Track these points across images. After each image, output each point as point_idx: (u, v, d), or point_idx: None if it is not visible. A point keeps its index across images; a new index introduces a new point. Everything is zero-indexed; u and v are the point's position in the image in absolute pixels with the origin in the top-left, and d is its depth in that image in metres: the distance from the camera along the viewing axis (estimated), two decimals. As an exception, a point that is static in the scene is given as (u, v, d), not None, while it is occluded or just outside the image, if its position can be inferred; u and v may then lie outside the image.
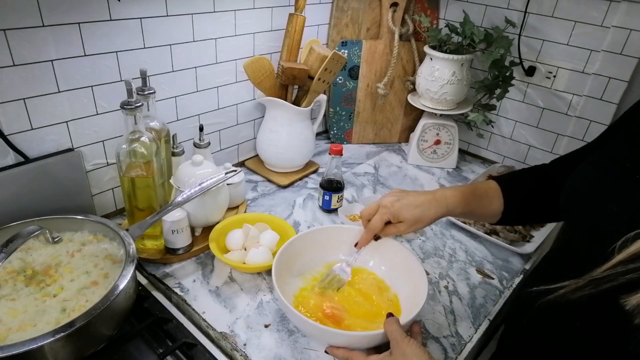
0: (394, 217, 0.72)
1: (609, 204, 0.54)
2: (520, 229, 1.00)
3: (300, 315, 0.64)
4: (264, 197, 1.09)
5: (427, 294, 0.69)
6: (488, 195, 0.76)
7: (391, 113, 1.41)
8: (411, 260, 0.76)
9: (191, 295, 0.78)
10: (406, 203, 0.72)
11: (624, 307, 0.44)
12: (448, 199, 0.73)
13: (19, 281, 0.65)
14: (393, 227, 0.74)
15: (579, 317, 0.55)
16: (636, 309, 0.43)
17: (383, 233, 0.76)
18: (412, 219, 0.71)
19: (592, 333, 0.54)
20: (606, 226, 0.52)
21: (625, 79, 1.06)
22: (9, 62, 0.72)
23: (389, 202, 0.73)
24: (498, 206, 0.76)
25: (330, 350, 0.66)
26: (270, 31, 1.12)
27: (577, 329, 0.55)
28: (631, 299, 0.43)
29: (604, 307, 0.50)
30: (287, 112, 1.10)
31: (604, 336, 0.52)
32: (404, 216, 0.72)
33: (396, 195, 0.74)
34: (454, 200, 0.73)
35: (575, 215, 0.60)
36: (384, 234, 0.76)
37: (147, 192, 0.80)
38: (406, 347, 0.58)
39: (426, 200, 0.72)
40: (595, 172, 0.60)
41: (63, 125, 0.83)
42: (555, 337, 0.58)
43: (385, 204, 0.73)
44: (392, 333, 0.61)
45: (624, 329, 0.46)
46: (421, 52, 1.29)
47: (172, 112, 1.00)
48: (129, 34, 0.85)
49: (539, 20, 1.16)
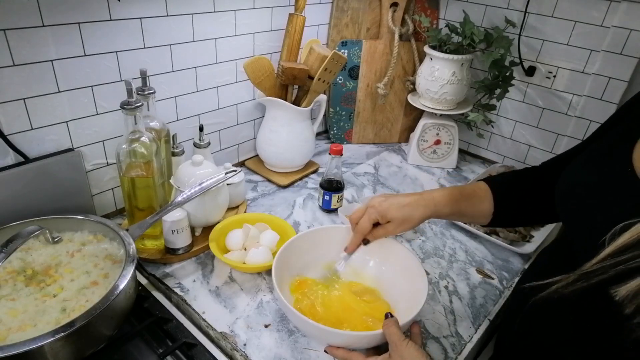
0: (382, 217, 0.73)
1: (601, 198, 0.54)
2: (520, 229, 1.00)
3: (301, 315, 0.64)
4: (264, 197, 1.09)
5: (427, 294, 0.69)
6: (477, 195, 0.76)
7: (391, 113, 1.41)
8: (411, 260, 0.76)
9: (191, 295, 0.78)
10: (394, 202, 0.73)
11: (614, 298, 0.45)
12: (435, 199, 0.74)
13: (19, 281, 0.65)
14: (381, 229, 0.75)
15: (571, 312, 0.55)
16: (626, 299, 0.44)
17: (372, 236, 0.76)
18: (400, 218, 0.72)
19: (585, 326, 0.54)
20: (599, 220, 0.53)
21: (625, 79, 1.06)
22: (9, 62, 0.72)
23: (376, 202, 0.73)
24: (488, 207, 0.76)
25: (330, 350, 0.66)
26: (270, 31, 1.12)
27: (571, 323, 0.56)
28: (620, 289, 0.44)
29: (595, 299, 0.50)
30: (287, 112, 1.10)
31: (597, 328, 0.53)
32: (391, 215, 0.72)
33: (383, 196, 0.75)
34: (441, 201, 0.74)
35: (569, 210, 0.60)
36: (373, 236, 0.76)
37: (147, 192, 0.80)
38: (404, 350, 0.58)
39: (413, 200, 0.73)
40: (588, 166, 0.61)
41: (63, 125, 0.83)
42: (549, 332, 0.59)
43: (372, 204, 0.73)
44: (390, 335, 0.61)
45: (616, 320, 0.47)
46: (421, 52, 1.29)
47: (172, 112, 1.00)
48: (129, 34, 0.85)
49: (539, 20, 1.16)
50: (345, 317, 0.71)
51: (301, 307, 0.73)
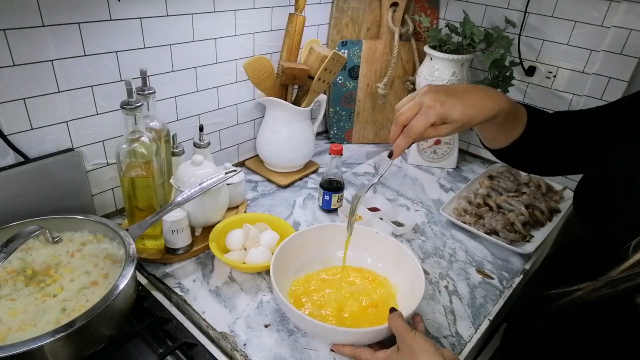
0: (441, 119, 0.61)
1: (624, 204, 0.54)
2: (520, 229, 1.00)
3: (301, 314, 0.64)
4: (264, 197, 1.09)
5: (424, 286, 0.70)
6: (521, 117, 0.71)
7: (391, 113, 1.40)
8: (406, 255, 0.77)
9: (191, 295, 0.78)
10: (457, 102, 0.62)
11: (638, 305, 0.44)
12: (501, 101, 0.64)
13: (19, 281, 0.65)
14: (433, 130, 0.62)
15: (591, 316, 0.55)
16: None
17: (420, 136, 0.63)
18: (463, 120, 0.62)
19: (607, 332, 0.53)
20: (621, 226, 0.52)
21: (625, 79, 1.06)
22: (9, 62, 0.72)
23: (435, 100, 0.61)
24: (519, 131, 0.71)
25: (336, 348, 0.66)
26: (270, 31, 1.12)
27: (590, 327, 0.55)
28: None
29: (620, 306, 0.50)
30: (287, 112, 1.10)
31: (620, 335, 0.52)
32: (454, 117, 0.61)
33: (440, 90, 0.62)
34: (505, 106, 0.65)
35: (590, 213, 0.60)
36: (423, 136, 0.63)
37: (147, 192, 0.80)
38: (412, 341, 0.59)
39: (479, 99, 0.63)
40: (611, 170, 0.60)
41: (63, 125, 0.83)
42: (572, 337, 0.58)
43: (430, 104, 0.61)
44: (397, 328, 0.61)
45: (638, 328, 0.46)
46: (421, 52, 1.29)
47: (172, 112, 1.00)
48: (129, 34, 0.85)
49: (539, 20, 1.16)
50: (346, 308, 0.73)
51: (302, 305, 0.73)
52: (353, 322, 0.71)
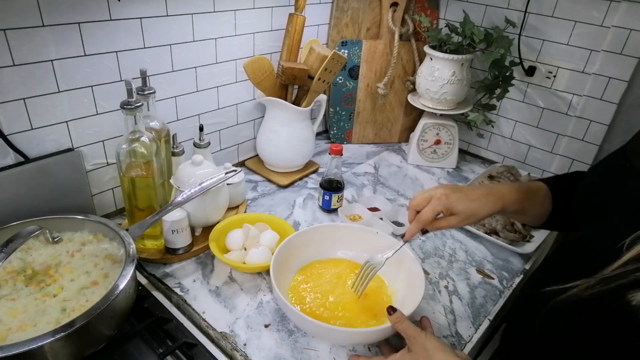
0: (447, 210, 0.69)
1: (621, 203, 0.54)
2: (520, 229, 1.00)
3: (301, 314, 0.64)
4: (264, 197, 1.09)
5: (424, 286, 0.70)
6: (539, 195, 0.75)
7: (391, 113, 1.40)
8: (406, 255, 0.77)
9: (191, 295, 0.78)
10: (461, 196, 0.69)
11: (630, 302, 0.44)
12: (505, 195, 0.71)
13: (19, 281, 0.65)
14: (444, 221, 0.70)
15: (588, 315, 0.55)
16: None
17: (432, 226, 0.71)
18: (467, 213, 0.69)
19: (601, 329, 0.54)
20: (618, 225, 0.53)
21: (625, 79, 1.06)
22: (9, 62, 0.72)
23: (442, 194, 0.69)
24: (547, 208, 0.75)
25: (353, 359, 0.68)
26: (270, 31, 1.12)
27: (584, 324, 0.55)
28: (637, 294, 0.44)
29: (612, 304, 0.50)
30: (287, 112, 1.10)
31: (613, 332, 0.53)
32: (459, 209, 0.68)
33: (449, 187, 0.71)
34: (510, 197, 0.71)
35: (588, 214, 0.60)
36: (433, 227, 0.71)
37: (147, 192, 0.80)
38: (425, 341, 0.59)
39: (482, 195, 0.70)
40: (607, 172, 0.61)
41: (63, 125, 0.83)
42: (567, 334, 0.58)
43: (438, 196, 0.69)
44: (406, 330, 0.61)
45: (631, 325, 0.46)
46: (421, 52, 1.29)
47: (172, 112, 1.00)
48: (129, 34, 0.85)
49: (539, 20, 1.16)
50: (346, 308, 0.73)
51: (302, 305, 0.73)
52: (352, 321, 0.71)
